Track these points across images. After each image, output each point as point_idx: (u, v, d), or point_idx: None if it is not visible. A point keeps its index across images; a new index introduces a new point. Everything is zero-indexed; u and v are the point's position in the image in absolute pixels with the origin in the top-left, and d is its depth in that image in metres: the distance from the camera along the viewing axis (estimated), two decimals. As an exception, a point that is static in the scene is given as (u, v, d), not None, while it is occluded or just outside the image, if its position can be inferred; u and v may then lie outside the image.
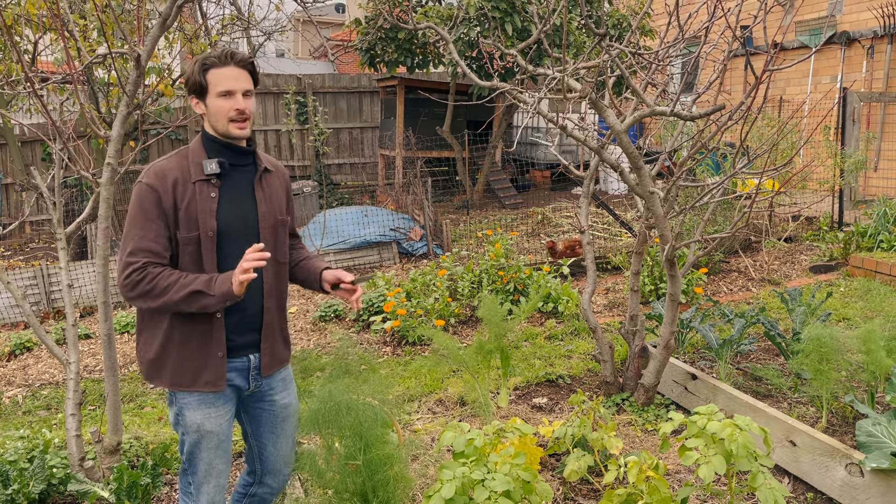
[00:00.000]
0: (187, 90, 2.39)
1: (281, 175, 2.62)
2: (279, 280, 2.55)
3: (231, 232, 2.38)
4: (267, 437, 2.64)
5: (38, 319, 7.49)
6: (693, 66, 3.56)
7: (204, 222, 2.33)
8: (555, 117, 3.46)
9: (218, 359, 2.39)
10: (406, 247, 9.16)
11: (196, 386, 2.38)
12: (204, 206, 2.34)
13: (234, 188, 2.43)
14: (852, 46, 10.77)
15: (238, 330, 2.43)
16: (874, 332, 3.65)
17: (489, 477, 2.46)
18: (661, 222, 3.68)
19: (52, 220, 3.59)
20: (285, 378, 2.65)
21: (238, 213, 2.41)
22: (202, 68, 2.33)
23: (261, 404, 2.60)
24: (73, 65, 3.47)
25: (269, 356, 2.53)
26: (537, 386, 4.69)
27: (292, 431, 2.70)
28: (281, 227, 2.54)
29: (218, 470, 2.50)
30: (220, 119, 2.36)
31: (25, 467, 3.39)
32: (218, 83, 2.33)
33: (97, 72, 8.39)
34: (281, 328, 2.59)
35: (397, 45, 10.80)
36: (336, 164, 14.74)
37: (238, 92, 2.35)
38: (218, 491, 2.52)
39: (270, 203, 2.50)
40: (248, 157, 2.48)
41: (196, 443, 2.45)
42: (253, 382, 2.52)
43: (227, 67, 2.33)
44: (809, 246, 7.92)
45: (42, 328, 3.63)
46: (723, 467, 2.47)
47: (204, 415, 2.42)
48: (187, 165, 2.37)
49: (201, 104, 2.38)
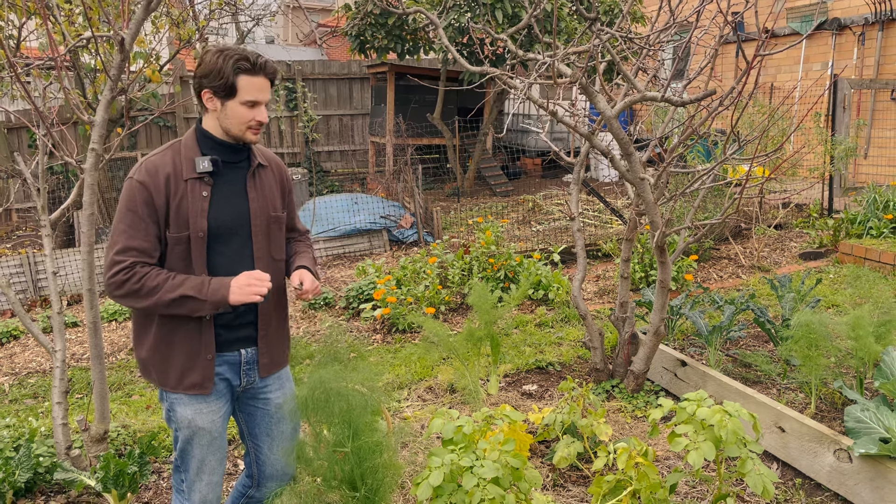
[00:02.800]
0: (206, 82, 2.25)
1: (276, 169, 2.53)
2: (275, 278, 2.46)
3: (222, 231, 2.32)
4: (262, 440, 2.57)
5: (25, 308, 7.44)
6: (684, 51, 3.53)
7: (194, 223, 2.26)
8: (545, 103, 3.44)
9: (206, 361, 2.34)
10: (396, 234, 9.13)
11: (181, 388, 2.34)
12: (195, 205, 2.27)
13: (227, 186, 2.36)
14: (843, 33, 10.77)
15: (230, 326, 2.38)
16: (863, 318, 3.66)
17: (478, 464, 2.44)
18: (651, 209, 3.67)
19: (37, 207, 3.54)
20: (281, 377, 2.58)
21: (230, 212, 2.35)
22: (235, 70, 2.21)
23: (255, 402, 2.54)
24: (56, 49, 3.42)
25: (267, 357, 2.47)
26: (527, 373, 4.69)
27: (290, 436, 2.60)
28: (275, 223, 2.46)
29: (211, 467, 2.45)
30: (238, 125, 2.29)
31: (11, 456, 3.36)
32: (248, 92, 2.25)
33: (83, 57, 8.28)
34: (279, 325, 2.53)
35: (387, 32, 10.72)
36: (326, 151, 14.66)
37: (263, 103, 2.29)
38: (211, 489, 2.47)
39: (263, 200, 2.43)
40: (243, 153, 2.41)
41: (188, 439, 2.40)
42: (245, 378, 2.46)
43: (259, 77, 2.26)
44: (799, 233, 7.94)
45: (28, 316, 3.59)
46: (712, 453, 2.47)
47: (195, 411, 2.37)
48: (179, 161, 2.29)
49: (216, 101, 2.27)
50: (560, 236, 8.25)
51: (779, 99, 10.95)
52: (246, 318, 2.41)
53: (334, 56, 21.09)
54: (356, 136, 14.89)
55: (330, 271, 8.17)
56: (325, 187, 13.15)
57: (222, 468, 2.52)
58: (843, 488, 3.06)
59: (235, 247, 2.36)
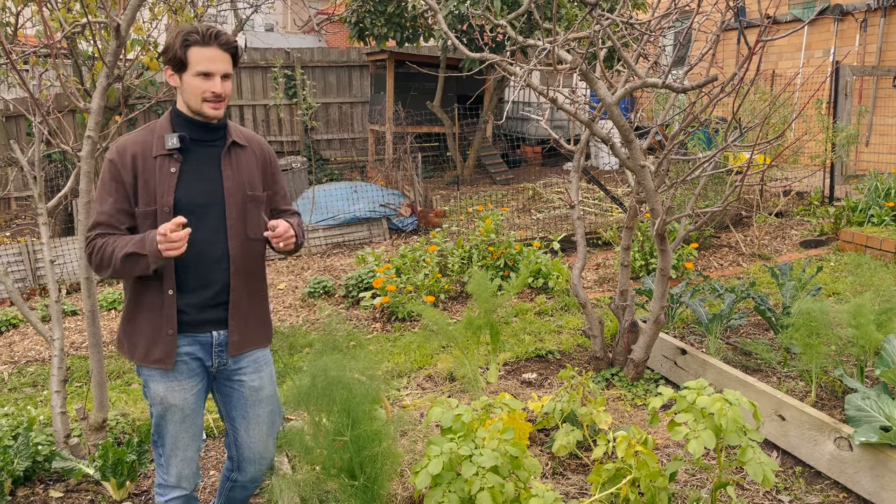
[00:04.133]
0: (164, 60, 2.33)
1: (258, 149, 2.54)
2: (250, 257, 2.47)
3: (194, 208, 2.34)
4: (239, 422, 2.57)
5: (25, 296, 7.43)
6: (685, 38, 3.50)
7: (161, 198, 2.31)
8: (545, 90, 3.41)
9: (168, 336, 2.36)
10: (396, 223, 9.11)
11: (146, 362, 2.38)
12: (163, 181, 2.32)
13: (199, 163, 2.38)
14: (845, 20, 10.70)
15: (197, 306, 2.38)
16: (864, 306, 3.65)
17: (477, 452, 2.44)
18: (651, 196, 3.64)
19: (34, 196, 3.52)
20: (258, 360, 2.57)
21: (202, 189, 2.37)
22: (184, 43, 2.26)
23: (230, 384, 2.55)
24: (51, 36, 3.38)
25: (238, 335, 2.46)
26: (527, 361, 4.68)
27: (267, 419, 2.60)
28: (251, 202, 2.45)
29: (184, 444, 2.49)
30: (194, 97, 2.32)
31: (10, 444, 3.35)
32: (198, 62, 2.28)
33: (81, 44, 8.22)
34: (254, 307, 2.52)
35: (387, 19, 10.66)
36: (325, 139, 14.60)
37: (217, 74, 2.31)
38: (186, 464, 2.51)
39: (238, 178, 2.43)
40: (219, 131, 2.43)
41: (161, 415, 2.45)
42: (216, 359, 2.47)
43: (210, 48, 2.28)
44: (800, 221, 7.92)
45: (26, 305, 3.58)
46: (712, 442, 2.47)
47: (166, 387, 2.40)
48: (151, 140, 2.36)
49: (176, 77, 2.33)
50: (560, 224, 8.23)
51: (780, 86, 10.90)
52: (217, 298, 2.41)
53: (333, 43, 20.97)
54: (355, 124, 14.84)
55: (329, 259, 8.15)
56: (324, 175, 13.11)
57: (196, 444, 2.54)
58: (844, 476, 3.05)
59: (209, 224, 2.37)
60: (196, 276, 2.37)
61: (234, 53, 2.34)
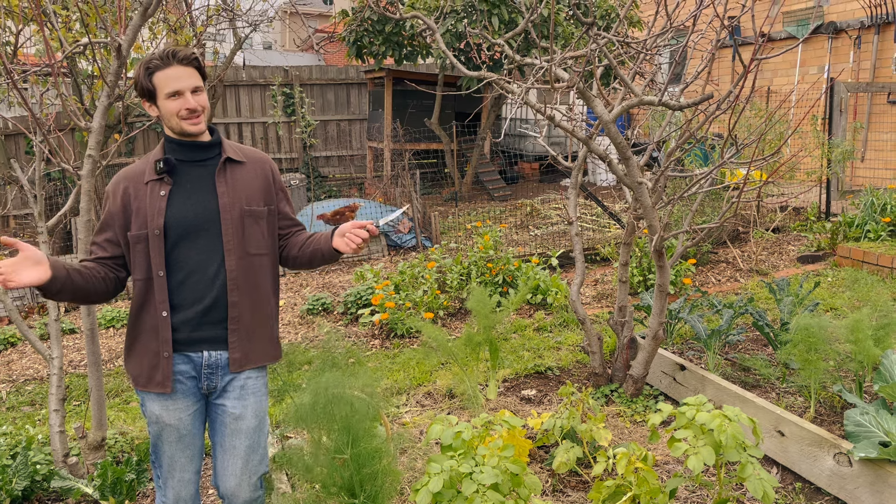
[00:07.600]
0: (139, 95, 2.39)
1: (258, 165, 2.53)
2: (251, 273, 2.44)
3: (188, 228, 2.37)
4: (217, 448, 2.49)
5: (23, 314, 7.42)
6: (681, 55, 3.54)
7: (151, 221, 2.35)
8: (543, 107, 3.43)
9: (164, 360, 2.36)
10: (395, 239, 9.12)
11: (150, 386, 2.39)
12: (153, 205, 2.36)
13: (192, 184, 2.41)
14: (839, 37, 10.79)
15: (191, 323, 2.38)
16: (862, 321, 3.65)
17: (477, 470, 2.44)
18: (649, 213, 3.66)
19: (34, 214, 3.53)
20: (245, 387, 2.46)
21: (194, 209, 2.38)
22: (147, 72, 2.32)
23: (214, 407, 2.50)
24: (53, 56, 3.41)
25: (239, 352, 2.43)
26: (526, 378, 4.68)
27: (243, 454, 2.45)
28: (249, 217, 2.44)
29: (181, 464, 2.47)
30: (172, 119, 2.36)
31: (8, 464, 3.34)
32: (165, 85, 2.33)
33: (80, 63, 8.28)
34: (259, 323, 2.47)
35: (385, 37, 10.72)
36: (324, 156, 14.64)
37: (186, 91, 2.34)
38: (183, 486, 2.49)
39: (234, 194, 2.43)
40: (212, 150, 2.46)
41: (157, 434, 2.45)
42: (205, 381, 2.43)
43: (171, 68, 2.32)
44: (797, 236, 7.94)
45: (24, 323, 3.58)
46: (712, 458, 2.47)
47: (161, 407, 2.41)
48: (145, 167, 2.43)
49: (153, 107, 2.39)
50: (558, 241, 8.25)
51: (776, 103, 10.97)
52: (213, 315, 2.39)
53: (332, 61, 21.10)
54: (354, 141, 14.89)
55: (328, 276, 8.16)
56: (322, 192, 13.15)
57: (195, 465, 2.51)
58: (843, 492, 3.05)
59: (205, 242, 2.38)
60: (191, 295, 2.37)
61: (196, 66, 2.37)
